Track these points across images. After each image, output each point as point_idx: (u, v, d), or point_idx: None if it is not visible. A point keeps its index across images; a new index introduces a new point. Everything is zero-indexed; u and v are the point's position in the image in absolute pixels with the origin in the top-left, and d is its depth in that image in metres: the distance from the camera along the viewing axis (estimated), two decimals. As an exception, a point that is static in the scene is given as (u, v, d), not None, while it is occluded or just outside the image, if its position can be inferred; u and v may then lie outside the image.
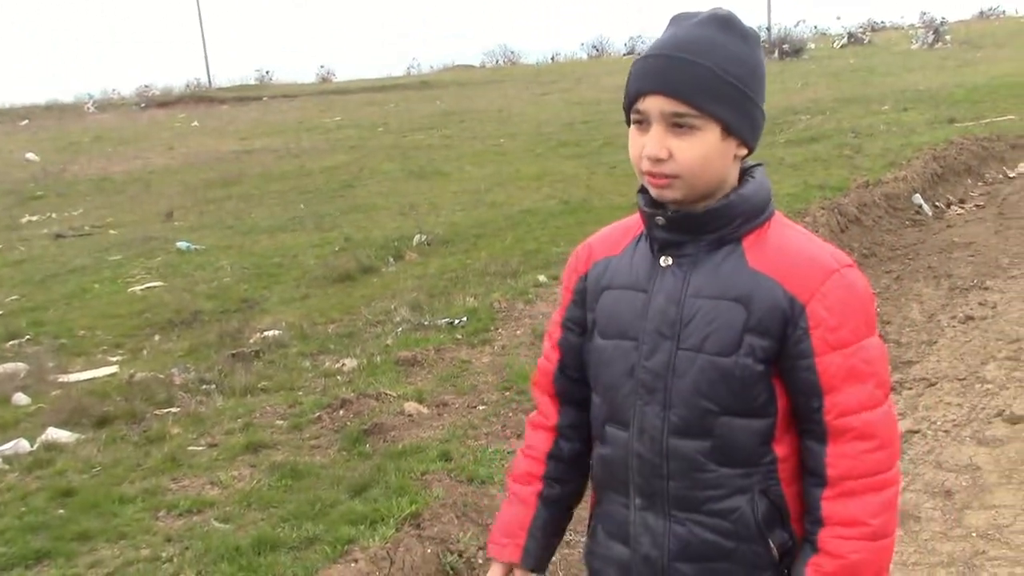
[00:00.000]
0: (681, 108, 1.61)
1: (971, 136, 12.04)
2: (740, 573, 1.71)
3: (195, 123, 26.65)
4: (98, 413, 5.37)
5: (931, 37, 32.76)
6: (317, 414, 5.13)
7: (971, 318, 6.16)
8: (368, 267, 8.69)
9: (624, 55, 44.98)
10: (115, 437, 5.06)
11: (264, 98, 34.49)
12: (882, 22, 53.15)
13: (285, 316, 7.38)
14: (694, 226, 1.67)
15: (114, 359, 6.72)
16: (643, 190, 1.72)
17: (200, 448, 4.86)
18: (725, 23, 1.65)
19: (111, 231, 11.96)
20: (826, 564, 1.64)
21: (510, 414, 4.86)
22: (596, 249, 1.84)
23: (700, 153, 1.62)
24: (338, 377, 5.81)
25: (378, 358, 6.05)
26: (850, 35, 35.48)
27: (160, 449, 4.83)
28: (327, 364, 6.14)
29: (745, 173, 1.71)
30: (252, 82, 41.78)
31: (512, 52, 49.46)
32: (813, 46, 33.27)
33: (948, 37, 32.80)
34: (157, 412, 5.43)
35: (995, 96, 16.22)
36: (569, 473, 1.92)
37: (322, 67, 47.05)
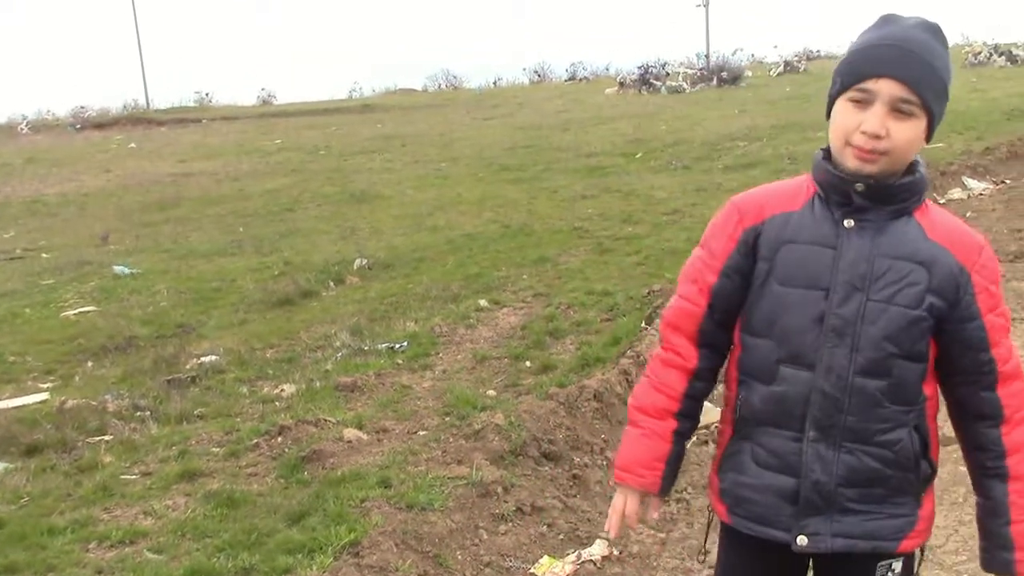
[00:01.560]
0: (910, 96, 1.88)
1: (903, 163, 12.32)
2: (891, 497, 2.01)
3: (132, 145, 26.24)
4: (27, 441, 5.22)
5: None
6: (254, 441, 5.05)
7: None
8: (308, 291, 8.61)
9: (565, 80, 45.34)
10: (45, 466, 4.93)
11: (203, 120, 34.10)
12: (817, 51, 54.26)
13: (223, 341, 7.28)
14: (886, 196, 1.94)
15: (45, 386, 6.55)
16: (827, 158, 1.98)
17: (133, 477, 4.76)
18: (937, 32, 1.96)
19: (44, 255, 11.69)
20: (1021, 486, 2.00)
21: (450, 439, 4.83)
22: (768, 205, 2.03)
23: (911, 137, 1.91)
24: (276, 403, 5.73)
25: (317, 384, 5.99)
26: (786, 64, 36.14)
27: (91, 478, 4.71)
28: (265, 390, 6.06)
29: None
30: (191, 104, 41.28)
31: (455, 77, 49.56)
32: (750, 74, 33.84)
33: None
34: (89, 440, 5.30)
35: (926, 124, 16.62)
36: (697, 412, 2.17)
37: (263, 89, 46.67)
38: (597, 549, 4.10)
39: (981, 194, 11.44)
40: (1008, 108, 18.25)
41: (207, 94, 42.97)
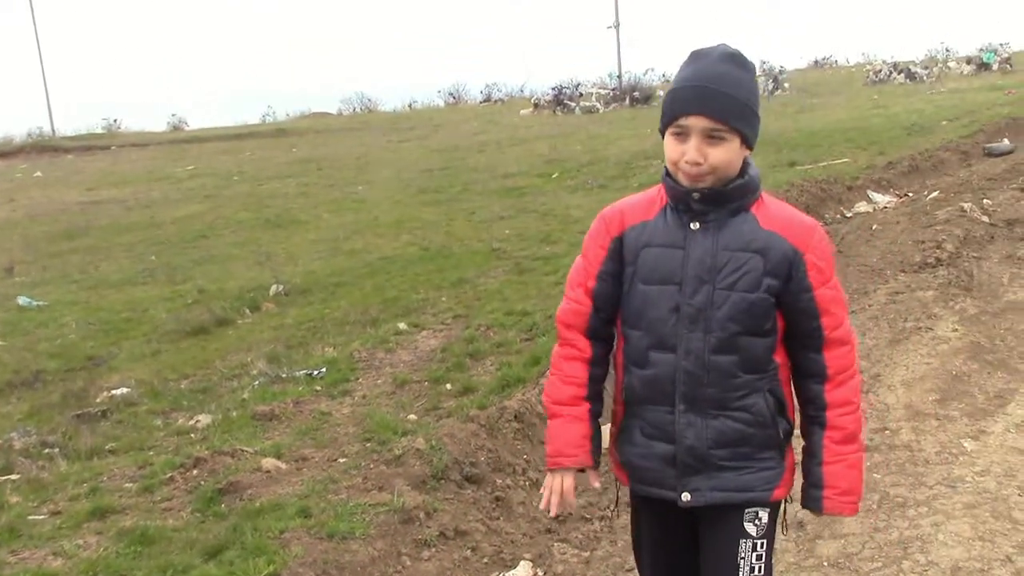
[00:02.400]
0: (717, 125, 2.22)
1: (811, 178, 12.63)
2: (756, 453, 2.36)
3: (38, 173, 25.54)
4: (-72, 484, 5.01)
5: (771, 85, 34.35)
6: (169, 475, 4.92)
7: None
8: (223, 319, 8.46)
9: (481, 102, 45.53)
10: (-53, 509, 4.73)
11: (112, 147, 33.41)
12: (726, 70, 55.34)
13: (135, 373, 7.10)
14: (721, 199, 2.28)
15: (-53, 425, 6.30)
16: (669, 175, 2.31)
17: (42, 516, 4.59)
18: (737, 58, 2.27)
19: (-56, 289, 11.28)
20: (835, 435, 2.38)
21: (371, 465, 4.77)
22: (628, 215, 2.39)
23: (727, 156, 2.25)
24: (192, 435, 5.61)
25: (234, 413, 5.87)
26: (696, 83, 36.84)
27: (-3, 520, 4.53)
28: (180, 422, 5.92)
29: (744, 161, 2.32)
30: (99, 131, 40.39)
31: (369, 99, 49.40)
32: (662, 94, 34.40)
33: (787, 85, 34.52)
34: (-6, 480, 5.11)
35: (831, 140, 17.10)
36: (601, 393, 2.49)
37: (174, 115, 45.94)
38: (522, 571, 4.08)
39: (885, 207, 11.77)
40: (908, 123, 18.87)
41: (115, 120, 42.17)
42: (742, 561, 2.40)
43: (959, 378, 5.68)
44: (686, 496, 2.38)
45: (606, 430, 2.59)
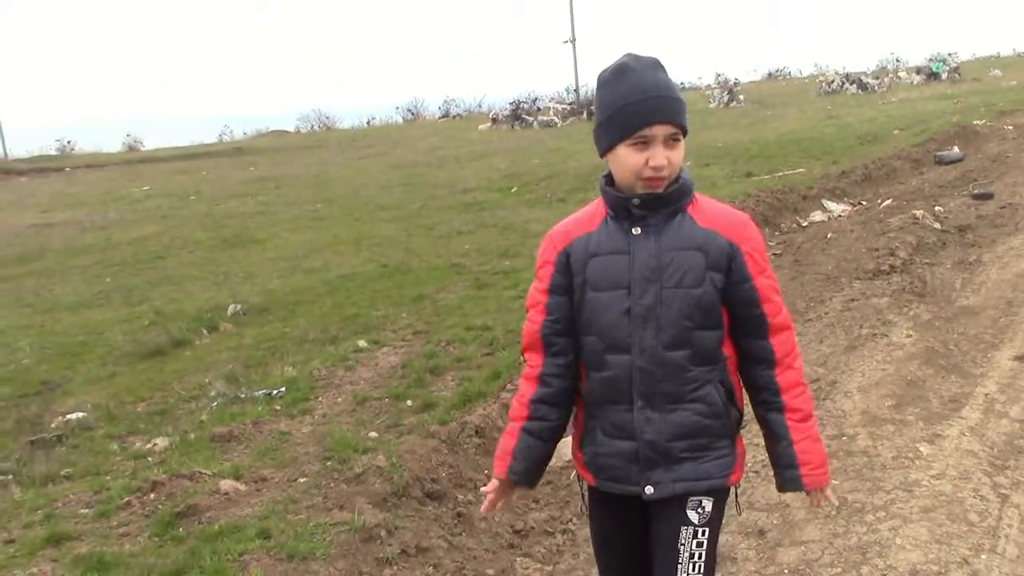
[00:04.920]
0: (676, 130, 2.36)
1: (767, 189, 12.77)
2: (712, 443, 2.46)
3: (-10, 197, 25.17)
4: None
5: (726, 97, 34.73)
6: (126, 499, 4.84)
7: (774, 361, 6.48)
8: (180, 340, 8.37)
9: (439, 118, 45.54)
10: None
11: (67, 169, 33.01)
12: (682, 83, 55.98)
13: (90, 397, 6.99)
14: (659, 204, 2.39)
15: None
16: (610, 184, 2.43)
17: (-5, 545, 4.50)
18: (660, 64, 2.41)
19: None
20: (795, 415, 2.48)
21: (331, 484, 4.74)
22: (572, 230, 2.50)
23: (681, 157, 2.39)
24: (149, 459, 5.53)
25: (192, 435, 5.80)
26: (653, 96, 37.15)
27: (-51, 550, 4.44)
28: (137, 445, 5.84)
29: None
30: (53, 152, 39.88)
31: (327, 117, 49.28)
32: (619, 107, 34.60)
33: (742, 97, 34.89)
34: (-54, 510, 5.00)
35: (786, 151, 17.31)
36: (548, 413, 2.56)
37: (128, 135, 45.50)
38: (484, 586, 4.07)
39: (840, 216, 11.92)
40: (861, 133, 19.14)
41: (69, 142, 41.62)
42: (682, 547, 2.49)
43: (914, 383, 5.75)
44: (649, 489, 2.46)
45: (565, 442, 2.63)
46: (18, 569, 4.17)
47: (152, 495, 4.85)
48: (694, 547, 2.49)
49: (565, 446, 5.42)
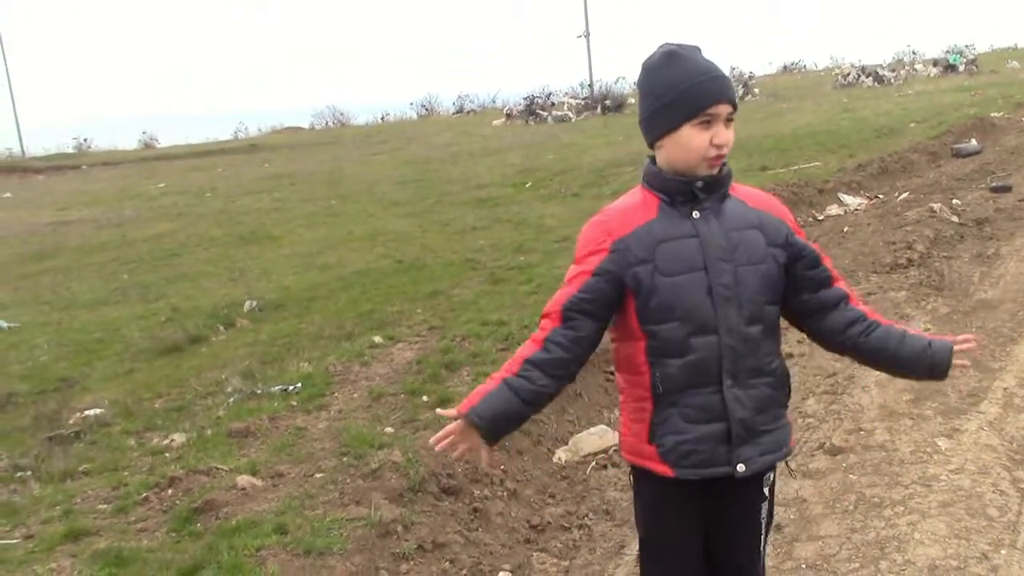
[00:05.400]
0: (732, 109, 2.45)
1: (782, 182, 12.70)
2: (780, 413, 2.57)
3: (8, 194, 25.33)
4: None
5: (741, 90, 34.57)
6: (144, 495, 4.87)
7: (791, 355, 6.44)
8: (197, 337, 8.39)
9: (453, 114, 45.52)
10: (-83, 536, 4.66)
11: (83, 167, 33.13)
12: (696, 77, 55.56)
13: (108, 393, 7.02)
14: (716, 186, 2.48)
15: (-84, 451, 6.21)
16: (660, 176, 2.49)
17: (14, 541, 4.53)
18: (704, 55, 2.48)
19: (-87, 313, 11.14)
20: (889, 321, 2.64)
21: (348, 480, 4.74)
22: (630, 219, 2.48)
23: (733, 137, 2.47)
24: (166, 454, 5.55)
25: (209, 431, 5.82)
26: (667, 90, 37.01)
27: (-31, 546, 4.47)
28: (154, 441, 5.86)
29: None
30: (70, 150, 40.05)
31: (342, 113, 49.25)
32: (633, 101, 34.54)
33: (756, 90, 34.73)
34: (-35, 505, 5.04)
35: (801, 144, 17.21)
36: (539, 376, 2.52)
37: (144, 133, 45.61)
38: (501, 582, 4.07)
39: (856, 209, 11.85)
40: (877, 126, 19.01)
41: (85, 139, 41.76)
42: (762, 523, 2.65)
43: (932, 377, 5.71)
44: (741, 468, 2.49)
45: (594, 439, 2.61)
46: (37, 564, 4.20)
47: (169, 491, 4.87)
48: (765, 521, 2.66)
49: (582, 441, 5.45)
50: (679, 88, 2.41)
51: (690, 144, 2.42)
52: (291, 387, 6.51)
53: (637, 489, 2.70)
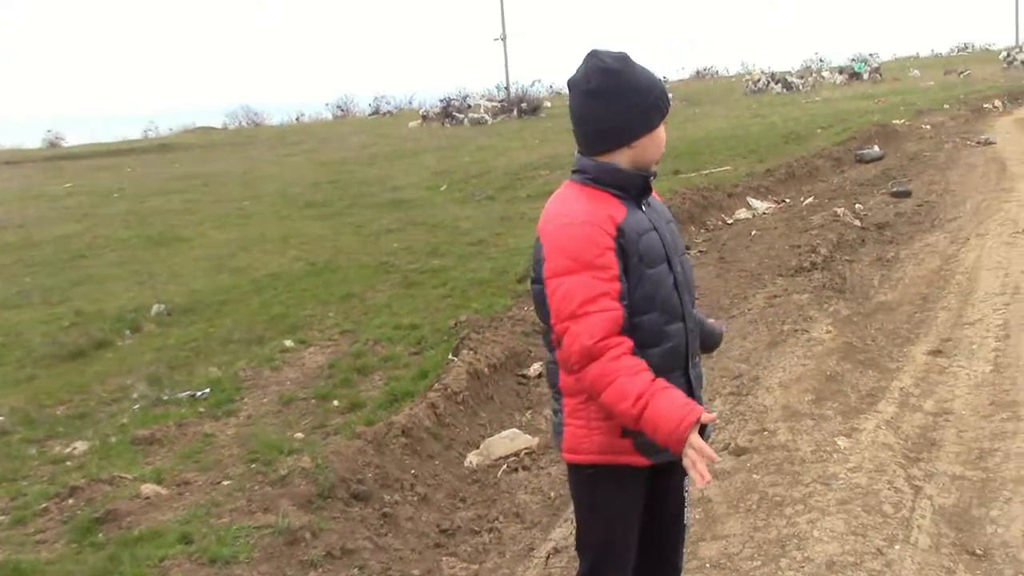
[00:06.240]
0: None
1: (693, 186, 12.95)
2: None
3: (-98, 194, 24.33)
4: None
5: (656, 95, 34.95)
6: (43, 505, 4.74)
7: (699, 357, 6.58)
8: (102, 342, 8.19)
9: (369, 115, 45.24)
10: None
11: (-18, 165, 32.03)
12: (611, 81, 56.29)
13: (7, 400, 6.81)
14: (651, 183, 2.65)
15: None
16: (614, 171, 2.56)
17: (-96, 556, 4.37)
18: None
19: None
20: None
21: (256, 487, 4.69)
22: (612, 214, 2.52)
23: None
24: (68, 463, 5.42)
25: (113, 439, 5.70)
26: (583, 93, 37.39)
27: None
28: (56, 449, 5.71)
29: None
30: (-32, 149, 38.71)
31: (256, 113, 48.60)
32: (549, 104, 34.80)
33: (671, 95, 35.24)
34: None
35: (713, 149, 17.56)
36: None
37: (49, 131, 44.33)
38: (410, 587, 4.06)
39: (764, 213, 12.14)
40: (786, 131, 19.50)
41: (-15, 138, 40.40)
42: (687, 494, 2.85)
43: (833, 378, 5.88)
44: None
45: (505, 442, 2.61)
46: (-71, 580, 4.06)
47: (71, 500, 4.75)
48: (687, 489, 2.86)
49: (493, 445, 5.48)
50: (656, 90, 2.59)
51: (661, 140, 2.63)
52: (199, 393, 6.41)
53: (595, 490, 2.69)
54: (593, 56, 2.57)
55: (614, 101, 2.53)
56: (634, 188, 2.59)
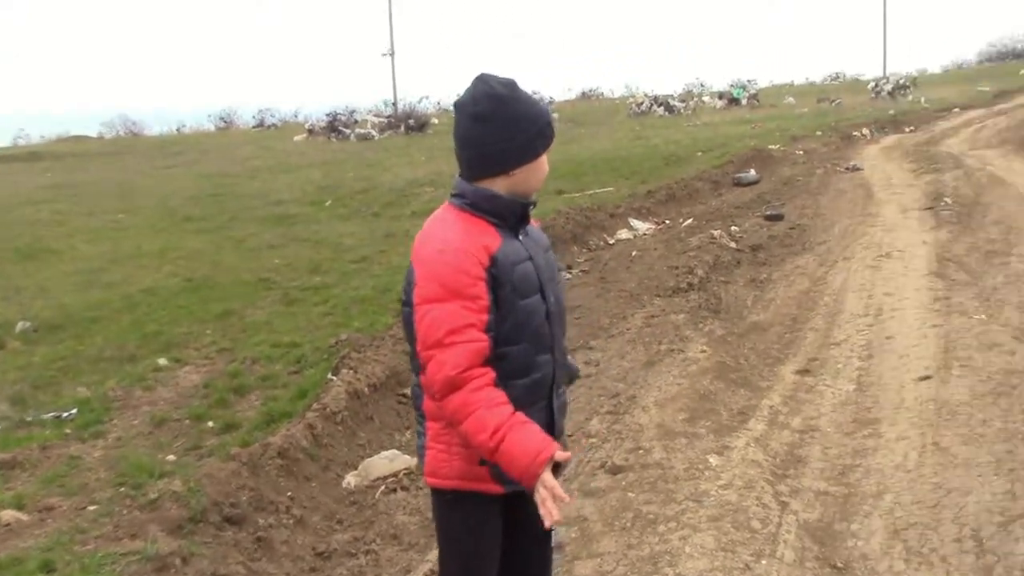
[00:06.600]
0: None
1: (576, 206, 13.14)
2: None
3: None
4: None
5: (542, 115, 35.33)
6: None
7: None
8: (-39, 360, 7.81)
9: (254, 127, 44.49)
10: None
11: None
12: (498, 99, 56.64)
13: None
14: (529, 212, 2.65)
15: None
16: (492, 198, 2.54)
17: None
18: None
19: None
20: None
21: (124, 512, 4.54)
22: (486, 243, 2.50)
23: None
24: (-80, 489, 5.14)
25: (-29, 463, 5.43)
26: (470, 111, 37.53)
27: None
28: (-93, 475, 5.42)
29: None
30: None
31: (134, 123, 47.23)
32: (437, 121, 34.84)
33: (556, 116, 35.68)
34: None
35: (596, 169, 17.85)
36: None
37: (-92, 137, 42.16)
38: (283, 612, 4.00)
39: (645, 234, 12.40)
40: (667, 154, 19.96)
41: None
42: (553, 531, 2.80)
43: (706, 397, 6.04)
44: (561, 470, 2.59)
45: (384, 463, 2.57)
46: None
47: (-78, 529, 4.51)
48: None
49: (372, 465, 5.43)
50: (543, 119, 2.60)
51: (543, 171, 2.63)
52: (66, 414, 6.18)
53: (453, 515, 2.70)
54: (481, 80, 2.57)
55: (498, 128, 2.52)
56: (512, 216, 2.58)
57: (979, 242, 9.91)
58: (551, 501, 2.34)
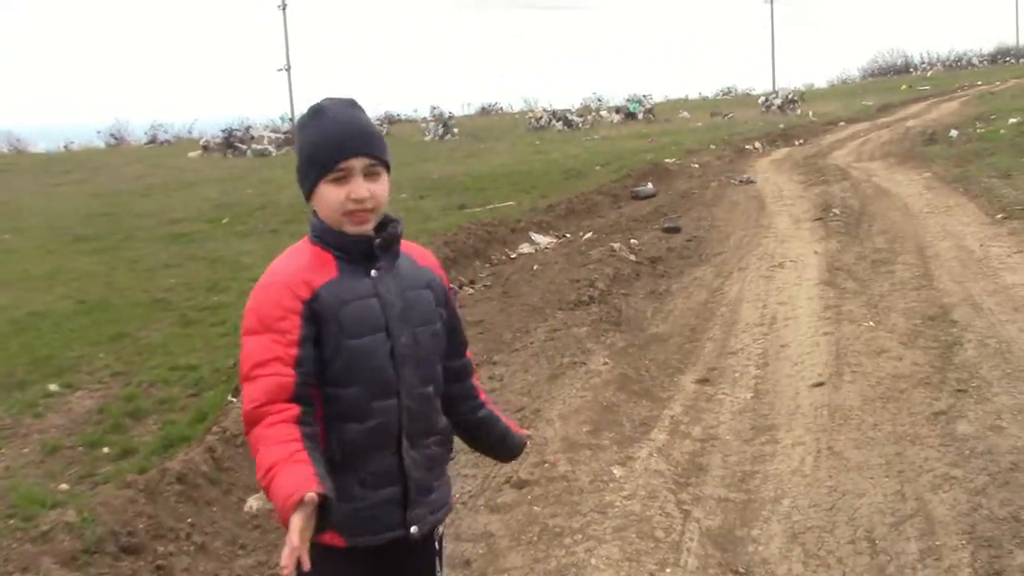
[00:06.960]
0: (374, 161, 2.38)
1: (478, 221, 13.18)
2: (443, 470, 2.56)
3: None
4: None
5: (441, 130, 35.54)
6: None
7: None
8: None
9: (146, 144, 43.45)
10: None
11: None
12: (398, 115, 56.73)
13: None
14: (393, 243, 2.43)
15: None
16: (331, 232, 2.37)
17: None
18: (359, 106, 2.47)
19: None
20: (490, 404, 2.77)
21: (13, 545, 4.36)
22: (310, 278, 2.33)
23: (385, 189, 2.41)
24: None
25: None
26: (370, 126, 37.46)
27: None
28: None
29: None
30: None
31: (18, 139, 45.64)
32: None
33: (456, 130, 35.85)
34: None
35: (498, 184, 17.96)
36: (317, 449, 2.27)
37: None
38: (185, 642, 3.90)
39: (546, 248, 12.51)
40: (566, 168, 20.20)
41: None
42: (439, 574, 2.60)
43: (609, 408, 6.12)
44: (414, 529, 2.43)
45: None
46: None
47: None
48: (444, 574, 2.62)
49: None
50: (314, 145, 2.38)
51: (328, 200, 2.35)
52: (-51, 444, 5.92)
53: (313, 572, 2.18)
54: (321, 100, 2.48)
55: (297, 150, 2.46)
56: (356, 250, 2.39)
57: (866, 251, 10.29)
58: (287, 548, 2.03)
